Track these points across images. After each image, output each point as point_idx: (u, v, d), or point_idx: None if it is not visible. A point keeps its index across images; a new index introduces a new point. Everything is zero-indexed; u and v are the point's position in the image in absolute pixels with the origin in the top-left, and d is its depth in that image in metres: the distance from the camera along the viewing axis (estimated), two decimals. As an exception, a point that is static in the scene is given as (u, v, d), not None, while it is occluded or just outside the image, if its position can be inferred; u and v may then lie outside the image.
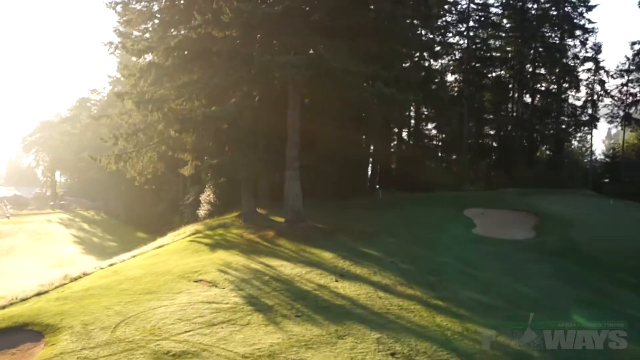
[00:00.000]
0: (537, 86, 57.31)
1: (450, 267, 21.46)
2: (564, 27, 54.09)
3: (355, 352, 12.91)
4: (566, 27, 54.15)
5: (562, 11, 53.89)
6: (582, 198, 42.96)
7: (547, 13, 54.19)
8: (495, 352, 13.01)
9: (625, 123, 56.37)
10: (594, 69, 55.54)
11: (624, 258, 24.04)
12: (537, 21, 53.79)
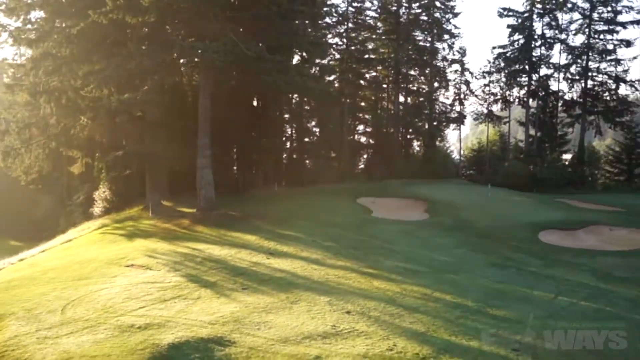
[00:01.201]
0: (410, 86, 60.46)
1: (368, 243, 22.76)
2: (434, 31, 57.58)
3: (312, 313, 13.52)
4: (435, 32, 57.67)
5: (432, 16, 57.34)
6: (459, 186, 46.48)
7: (418, 18, 57.38)
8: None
9: (488, 120, 60.95)
10: (461, 71, 59.62)
11: (512, 230, 26.97)
12: (410, 25, 56.79)
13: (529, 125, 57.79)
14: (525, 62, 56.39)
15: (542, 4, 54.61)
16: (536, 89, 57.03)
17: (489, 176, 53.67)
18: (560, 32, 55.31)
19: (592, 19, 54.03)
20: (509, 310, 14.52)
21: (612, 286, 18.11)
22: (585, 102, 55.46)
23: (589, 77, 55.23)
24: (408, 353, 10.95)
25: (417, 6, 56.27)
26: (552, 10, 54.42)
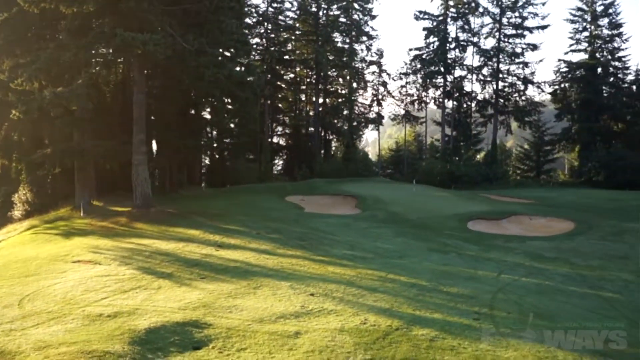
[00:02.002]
0: (329, 87, 61.50)
1: (311, 234, 23.19)
2: (352, 33, 58.87)
3: (277, 296, 13.75)
4: (354, 34, 58.99)
5: (351, 18, 58.61)
6: (382, 183, 47.79)
7: (337, 20, 58.50)
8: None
9: (405, 120, 62.86)
10: (378, 72, 61.27)
11: (442, 221, 28.38)
12: (329, 26, 57.79)
13: (445, 124, 59.97)
14: (440, 64, 58.51)
15: (456, 8, 56.88)
16: (451, 90, 59.36)
17: (408, 174, 55.35)
18: (472, 35, 57.87)
19: (501, 24, 56.92)
20: (460, 287, 15.33)
21: (545, 265, 19.47)
22: (497, 103, 58.19)
23: (500, 78, 58.08)
24: (381, 325, 11.37)
25: (336, 8, 57.22)
26: (465, 15, 56.84)
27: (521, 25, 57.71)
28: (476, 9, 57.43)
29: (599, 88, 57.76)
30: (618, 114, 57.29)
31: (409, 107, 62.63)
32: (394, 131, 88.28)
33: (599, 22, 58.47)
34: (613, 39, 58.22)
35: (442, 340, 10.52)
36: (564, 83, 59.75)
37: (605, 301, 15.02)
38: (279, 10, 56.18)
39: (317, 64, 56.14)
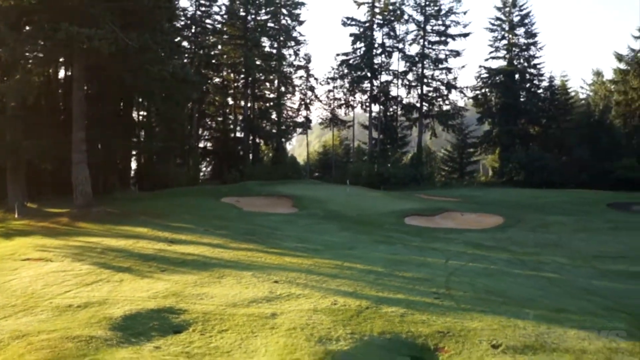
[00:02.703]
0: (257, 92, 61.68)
1: (258, 230, 23.47)
2: (280, 37, 59.38)
3: (243, 284, 13.96)
4: (282, 38, 59.51)
5: (279, 23, 59.11)
6: (313, 185, 48.37)
7: (266, 24, 58.83)
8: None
9: (333, 124, 63.87)
10: (306, 77, 61.95)
11: (380, 218, 29.44)
12: (258, 31, 58.04)
13: (372, 128, 61.28)
14: (367, 69, 59.75)
15: (382, 15, 58.37)
16: (378, 94, 60.69)
17: (336, 177, 56.22)
18: (398, 41, 59.56)
19: (426, 31, 58.92)
20: (414, 272, 16.10)
21: (487, 252, 20.61)
22: (421, 107, 60.03)
23: (425, 83, 59.97)
24: (351, 305, 11.85)
25: (265, 13, 57.58)
26: (391, 21, 58.42)
27: (444, 33, 59.93)
28: (401, 16, 59.20)
29: (517, 93, 60.72)
30: (534, 118, 60.40)
31: (336, 111, 63.55)
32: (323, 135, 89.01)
33: (516, 31, 61.57)
34: (529, 47, 61.40)
35: (412, 316, 11.10)
36: (485, 88, 62.44)
37: (547, 280, 16.19)
38: (207, 14, 55.95)
39: (246, 68, 56.25)
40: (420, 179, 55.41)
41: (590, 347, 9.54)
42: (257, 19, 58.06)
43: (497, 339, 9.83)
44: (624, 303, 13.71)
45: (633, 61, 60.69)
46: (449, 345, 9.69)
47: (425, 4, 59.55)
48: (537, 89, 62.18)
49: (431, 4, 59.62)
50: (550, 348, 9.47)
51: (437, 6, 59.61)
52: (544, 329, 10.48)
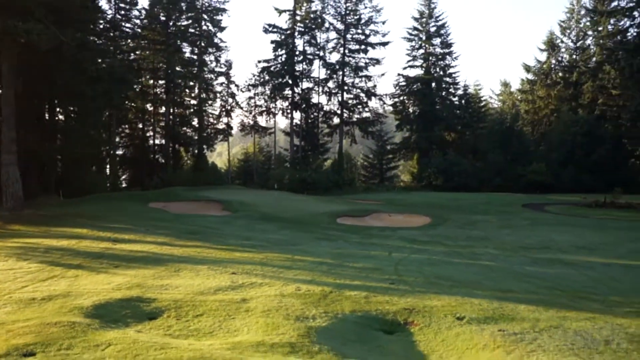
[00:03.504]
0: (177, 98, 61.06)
1: (200, 230, 23.54)
2: (202, 44, 59.18)
3: (202, 276, 14.11)
4: (203, 44, 59.32)
5: (201, 29, 58.89)
6: (239, 190, 48.57)
7: (187, 30, 58.44)
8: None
9: (254, 130, 64.15)
10: (227, 83, 61.94)
11: (314, 218, 30.10)
12: (179, 36, 57.60)
13: (293, 135, 61.95)
14: (288, 76, 60.42)
15: (303, 23, 59.29)
16: (299, 101, 61.45)
17: (257, 183, 56.59)
18: (319, 49, 60.57)
19: (346, 39, 60.26)
20: (363, 263, 16.81)
21: (424, 246, 21.65)
22: (342, 114, 61.29)
23: (345, 90, 61.25)
24: (315, 291, 12.34)
25: (186, 18, 57.24)
26: (312, 29, 59.35)
27: (364, 42, 61.60)
28: (322, 24, 60.35)
29: (434, 101, 63.18)
30: (450, 124, 63.01)
31: (257, 118, 63.84)
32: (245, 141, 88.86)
33: (433, 41, 64.12)
34: (445, 57, 64.14)
35: (375, 297, 11.73)
36: (403, 96, 64.60)
37: (486, 267, 17.30)
38: (126, 17, 54.99)
39: (167, 73, 55.68)
40: (343, 184, 56.53)
41: (542, 316, 10.45)
42: (178, 24, 57.58)
43: (459, 313, 10.59)
44: (557, 283, 14.96)
45: (540, 72, 64.45)
46: (417, 319, 10.37)
47: (345, 13, 61.05)
48: (453, 97, 64.90)
49: (351, 13, 61.20)
50: (509, 318, 10.31)
51: (357, 15, 61.29)
52: (497, 305, 11.33)
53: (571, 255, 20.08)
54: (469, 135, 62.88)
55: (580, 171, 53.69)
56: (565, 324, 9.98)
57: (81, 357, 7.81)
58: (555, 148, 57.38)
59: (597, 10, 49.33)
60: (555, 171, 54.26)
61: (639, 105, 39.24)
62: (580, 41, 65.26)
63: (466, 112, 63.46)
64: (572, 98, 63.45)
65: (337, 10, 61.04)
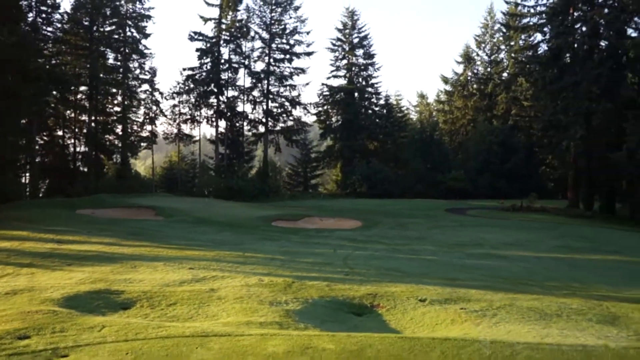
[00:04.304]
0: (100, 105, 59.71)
1: (141, 231, 23.47)
2: (126, 50, 58.25)
3: (160, 272, 14.21)
4: (127, 51, 58.41)
5: (125, 35, 57.96)
6: (168, 197, 48.14)
7: (111, 35, 57.36)
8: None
9: (178, 138, 63.58)
10: (151, 91, 61.11)
11: (250, 221, 30.50)
12: (102, 42, 56.45)
13: (218, 143, 61.90)
14: (213, 84, 60.38)
15: (229, 32, 59.53)
16: (224, 110, 61.48)
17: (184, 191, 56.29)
18: (244, 58, 60.88)
19: (271, 48, 60.95)
20: (313, 259, 17.42)
21: (364, 245, 22.50)
22: (267, 122, 61.83)
23: (270, 99, 61.82)
24: (278, 281, 12.84)
25: (110, 23, 56.29)
26: (237, 38, 59.64)
27: (289, 51, 62.45)
28: (248, 33, 60.76)
29: (356, 110, 64.73)
30: (373, 133, 64.72)
31: (182, 126, 63.32)
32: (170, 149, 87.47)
33: (356, 52, 65.83)
34: (367, 68, 65.97)
35: (336, 286, 12.35)
36: (327, 105, 65.82)
37: (429, 261, 18.33)
38: (48, 21, 53.46)
39: (90, 79, 54.49)
40: (269, 192, 56.96)
41: (494, 298, 11.40)
42: (102, 30, 56.48)
43: (419, 296, 11.40)
44: (497, 273, 16.13)
45: (457, 83, 67.36)
46: (383, 302, 11.09)
47: (270, 22, 61.76)
48: (375, 107, 66.75)
49: (276, 23, 61.99)
50: (465, 299, 11.20)
51: (282, 25, 62.13)
52: (450, 290, 12.24)
53: (503, 250, 21.48)
54: (390, 144, 64.82)
55: (496, 178, 56.53)
56: (516, 303, 10.94)
57: (80, 338, 8.02)
58: (472, 156, 60.12)
59: (510, 25, 52.16)
60: (472, 178, 56.87)
61: (552, 114, 41.85)
62: (494, 54, 68.91)
63: (388, 122, 65.38)
64: (487, 109, 66.81)
65: (263, 19, 61.73)
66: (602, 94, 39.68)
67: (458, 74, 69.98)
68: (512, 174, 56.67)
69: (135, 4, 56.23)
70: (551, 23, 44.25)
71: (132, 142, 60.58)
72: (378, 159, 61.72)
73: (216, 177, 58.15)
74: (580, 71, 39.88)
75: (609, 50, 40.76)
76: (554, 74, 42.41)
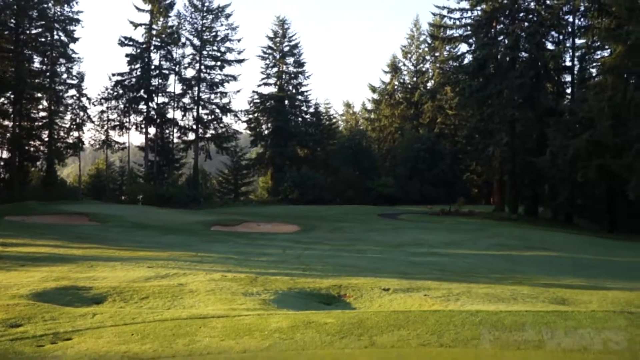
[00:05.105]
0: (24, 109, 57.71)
1: (85, 235, 23.19)
2: (53, 54, 56.57)
3: (119, 270, 14.03)
4: (55, 55, 56.72)
5: (52, 39, 56.26)
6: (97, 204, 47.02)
7: (38, 38, 55.52)
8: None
9: (106, 145, 62.25)
10: (78, 96, 59.49)
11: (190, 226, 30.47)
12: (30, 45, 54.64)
13: (148, 150, 61.07)
14: (143, 91, 59.61)
15: (160, 38, 59.00)
16: (154, 116, 60.76)
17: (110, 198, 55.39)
18: (175, 64, 60.46)
19: (202, 55, 60.83)
20: (267, 258, 17.84)
21: (310, 245, 23.20)
22: (197, 129, 61.58)
23: (201, 106, 61.65)
24: (241, 276, 13.13)
25: (37, 26, 54.66)
26: (168, 44, 59.19)
27: (220, 58, 62.48)
28: (179, 39, 60.38)
29: (287, 118, 65.44)
30: (303, 141, 65.53)
31: (110, 132, 62.04)
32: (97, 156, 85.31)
33: (286, 60, 66.59)
34: (297, 76, 66.80)
35: (299, 279, 12.85)
36: (257, 113, 66.18)
37: (377, 259, 19.12)
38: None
39: (16, 83, 52.64)
40: (200, 199, 56.72)
41: (451, 287, 12.18)
42: (28, 33, 54.70)
43: (382, 286, 12.03)
44: (445, 267, 17.07)
45: (384, 92, 69.20)
46: (349, 292, 11.64)
47: (201, 29, 61.62)
48: (305, 115, 67.66)
49: (207, 30, 61.90)
50: (425, 288, 11.92)
51: (213, 32, 62.12)
52: (408, 281, 12.96)
53: (443, 249, 22.56)
54: (320, 151, 65.81)
55: (424, 184, 58.47)
56: (472, 290, 11.75)
57: (76, 324, 8.18)
58: (400, 163, 61.89)
59: (437, 36, 54.18)
60: (401, 184, 58.54)
61: (478, 121, 44.02)
62: (420, 64, 71.33)
63: (317, 129, 66.39)
64: (414, 117, 69.05)
65: (194, 26, 61.50)
66: (524, 102, 41.99)
67: (385, 83, 71.94)
68: (439, 180, 58.77)
69: (64, 7, 54.73)
70: (476, 35, 46.42)
71: (58, 149, 58.78)
72: (308, 165, 62.49)
73: (145, 185, 57.38)
74: (504, 81, 42.09)
75: (529, 62, 43.14)
76: (480, 83, 44.57)
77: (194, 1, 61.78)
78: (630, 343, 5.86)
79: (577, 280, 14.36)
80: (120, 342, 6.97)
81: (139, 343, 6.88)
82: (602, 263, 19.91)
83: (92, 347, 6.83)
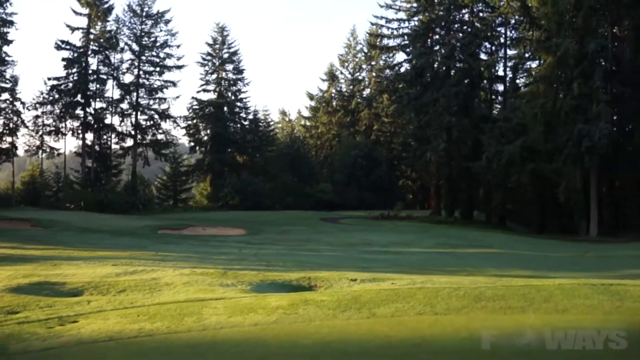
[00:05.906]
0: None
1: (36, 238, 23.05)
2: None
3: (84, 268, 14.02)
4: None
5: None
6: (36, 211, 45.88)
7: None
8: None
9: (41, 151, 60.49)
10: (12, 100, 57.65)
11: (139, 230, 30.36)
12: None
13: (85, 155, 59.85)
14: (80, 95, 58.45)
15: (98, 42, 58.12)
16: (91, 122, 59.66)
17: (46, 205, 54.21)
18: (113, 69, 59.63)
19: (141, 60, 60.28)
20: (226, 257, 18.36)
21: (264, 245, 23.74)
22: (136, 135, 60.92)
23: (139, 111, 61.01)
24: (210, 271, 13.37)
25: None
26: (106, 49, 58.37)
27: (159, 64, 62.00)
28: (117, 44, 59.57)
29: (226, 124, 65.52)
30: (241, 147, 65.80)
31: (45, 138, 60.34)
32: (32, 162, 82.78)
33: (226, 67, 66.69)
34: (237, 82, 67.06)
35: (268, 273, 13.40)
36: (197, 119, 65.98)
37: (332, 256, 19.84)
38: None
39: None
40: (140, 205, 56.06)
41: (413, 277, 12.87)
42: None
43: (349, 277, 12.69)
44: (400, 262, 17.94)
45: (322, 100, 70.31)
46: (319, 283, 12.26)
47: (140, 35, 61.00)
48: (244, 121, 67.94)
49: (146, 35, 61.38)
50: (390, 279, 12.62)
51: (152, 38, 61.61)
52: (370, 274, 13.66)
53: (392, 248, 23.54)
54: (259, 158, 66.22)
55: (361, 190, 59.70)
56: (434, 279, 12.46)
57: (75, 309, 8.54)
58: (338, 169, 63.00)
59: (376, 45, 55.53)
60: (339, 190, 59.58)
61: (416, 128, 45.63)
62: (357, 73, 72.91)
63: (256, 136, 66.81)
64: (351, 124, 70.41)
65: (133, 31, 60.77)
66: (460, 110, 43.80)
67: (323, 90, 73.08)
68: (376, 186, 60.13)
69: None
70: (413, 44, 48.10)
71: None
72: (248, 172, 62.75)
73: (82, 191, 56.29)
74: (441, 89, 43.81)
75: (464, 71, 45.05)
76: (417, 91, 46.21)
77: (133, 6, 61.17)
78: (598, 305, 6.75)
79: (524, 272, 15.44)
80: (130, 322, 7.41)
81: (148, 322, 7.34)
82: (540, 257, 21.29)
83: (103, 327, 7.25)
